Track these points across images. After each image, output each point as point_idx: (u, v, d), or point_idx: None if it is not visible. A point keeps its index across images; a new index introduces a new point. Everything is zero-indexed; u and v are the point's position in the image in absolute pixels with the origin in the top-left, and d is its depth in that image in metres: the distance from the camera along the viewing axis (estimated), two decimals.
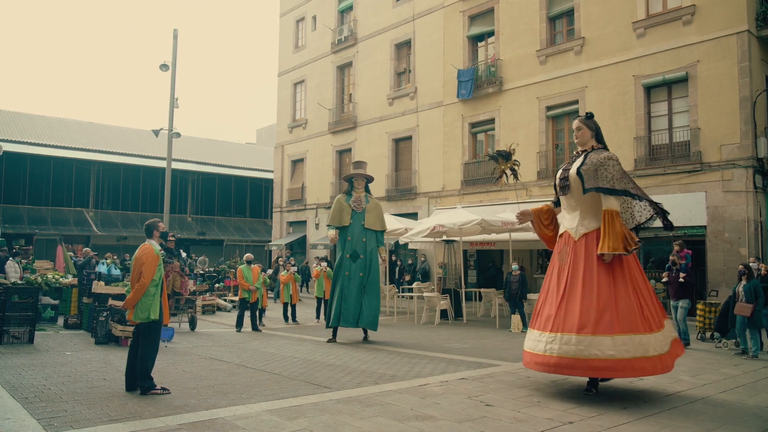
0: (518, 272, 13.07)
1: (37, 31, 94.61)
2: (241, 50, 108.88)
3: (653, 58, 16.22)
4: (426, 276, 21.47)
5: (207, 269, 24.14)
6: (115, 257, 17.13)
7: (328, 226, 11.12)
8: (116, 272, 13.29)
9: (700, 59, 15.32)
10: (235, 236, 35.71)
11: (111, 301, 9.91)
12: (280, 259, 20.93)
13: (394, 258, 22.35)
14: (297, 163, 30.01)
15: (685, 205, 15.40)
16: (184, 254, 13.55)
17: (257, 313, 13.47)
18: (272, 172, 32.94)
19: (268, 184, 36.61)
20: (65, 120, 38.14)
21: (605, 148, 6.64)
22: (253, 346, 10.10)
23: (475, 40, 21.54)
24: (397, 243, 21.53)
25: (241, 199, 38.91)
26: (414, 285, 19.00)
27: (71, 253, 17.13)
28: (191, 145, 41.14)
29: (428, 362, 8.34)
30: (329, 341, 10.74)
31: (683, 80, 15.67)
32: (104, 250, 24.62)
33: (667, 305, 10.86)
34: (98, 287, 10.76)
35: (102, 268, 13.36)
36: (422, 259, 22.29)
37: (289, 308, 14.97)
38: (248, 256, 13.53)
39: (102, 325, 10.03)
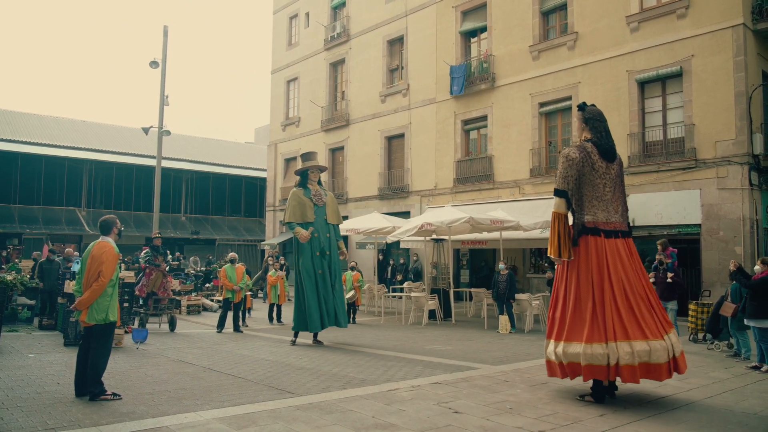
0: (506, 272, 12.73)
1: (29, 29, 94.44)
2: (240, 49, 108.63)
3: (647, 53, 15.87)
4: (418, 275, 21.11)
5: (198, 269, 23.83)
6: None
7: (288, 223, 10.31)
8: None
9: (695, 53, 14.96)
10: (230, 235, 35.38)
11: None
12: (270, 258, 20.60)
13: (381, 258, 21.98)
14: (290, 161, 29.67)
15: (680, 203, 15.07)
16: (170, 255, 13.17)
17: (241, 313, 13.17)
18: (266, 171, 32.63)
19: (263, 183, 36.26)
20: (58, 119, 37.85)
21: (594, 139, 6.22)
22: (228, 347, 9.77)
23: (468, 35, 21.19)
24: (387, 242, 21.21)
25: (235, 198, 38.62)
26: (405, 285, 18.67)
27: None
28: (186, 143, 40.83)
29: (404, 365, 8.00)
30: (315, 343, 10.38)
31: (677, 75, 15.32)
32: None
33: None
34: (70, 287, 10.41)
35: (76, 267, 13.02)
36: (414, 258, 21.92)
37: (275, 308, 14.67)
38: (232, 255, 13.20)
39: (73, 326, 9.70)
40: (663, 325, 6.03)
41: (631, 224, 15.83)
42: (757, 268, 8.22)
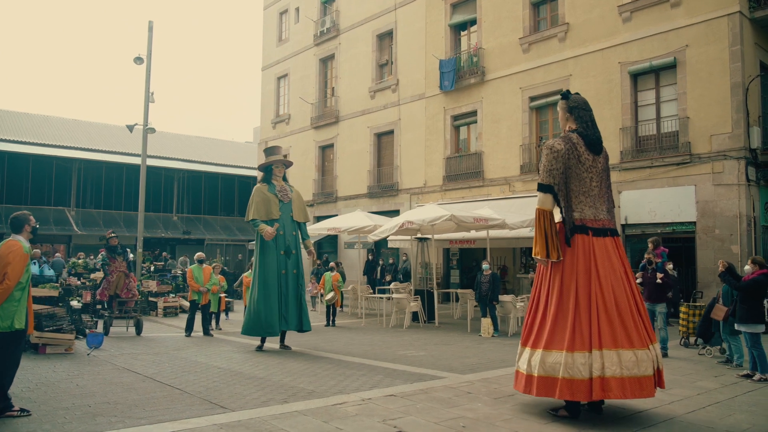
0: (489, 272, 12.12)
1: (13, 25, 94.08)
2: (241, 47, 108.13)
3: (640, 44, 15.22)
4: (408, 276, 20.51)
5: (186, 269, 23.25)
6: (56, 256, 16.01)
7: (252, 220, 9.72)
8: (49, 273, 12.34)
9: (689, 43, 14.31)
10: (222, 235, 34.80)
11: None
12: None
13: (371, 257, 21.38)
14: None
15: (674, 200, 14.43)
16: (131, 255, 12.61)
17: (210, 316, 12.60)
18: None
19: (255, 182, 35.69)
20: (48, 117, 37.42)
21: (579, 129, 5.64)
22: (187, 353, 9.17)
23: (458, 28, 20.57)
24: (370, 241, 20.65)
25: (228, 197, 38.07)
26: (392, 285, 18.07)
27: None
28: (179, 142, 40.35)
29: (365, 374, 7.39)
30: (282, 348, 9.78)
31: (671, 66, 14.66)
32: (85, 250, 23.85)
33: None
34: None
35: (34, 269, 12.46)
36: (404, 258, 21.30)
37: None
38: (199, 255, 12.63)
39: None
40: (649, 335, 5.45)
41: (624, 222, 15.31)
42: (747, 268, 7.58)
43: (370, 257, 21.80)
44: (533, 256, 5.67)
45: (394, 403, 5.75)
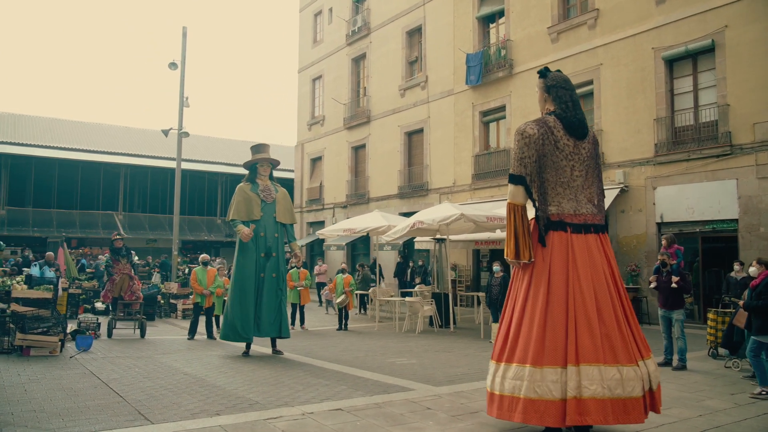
0: (500, 274, 11.36)
1: (44, 33, 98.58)
2: (288, 52, 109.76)
3: (675, 27, 14.03)
4: (438, 278, 19.79)
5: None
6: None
7: (232, 221, 9.33)
8: (50, 275, 12.46)
9: (729, 24, 13.04)
10: None
11: (13, 306, 8.98)
12: None
13: (401, 259, 20.81)
14: (316, 161, 29.00)
15: (713, 196, 13.19)
16: (135, 257, 12.58)
17: (216, 319, 12.41)
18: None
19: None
20: (100, 125, 38.87)
21: (557, 111, 4.97)
22: (168, 358, 8.90)
23: (486, 21, 19.76)
24: (410, 243, 20.09)
25: None
26: (416, 288, 17.48)
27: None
28: (223, 146, 41.04)
29: (329, 383, 6.87)
30: (244, 354, 9.33)
31: (710, 50, 13.42)
32: None
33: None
34: (17, 291, 9.86)
35: (34, 270, 12.56)
36: (434, 260, 20.62)
37: None
38: (204, 256, 12.46)
39: (12, 333, 9.14)
40: (639, 347, 4.65)
41: (660, 220, 14.13)
42: (752, 270, 6.60)
43: (400, 259, 21.25)
44: (505, 257, 5.00)
45: (334, 419, 5.21)
